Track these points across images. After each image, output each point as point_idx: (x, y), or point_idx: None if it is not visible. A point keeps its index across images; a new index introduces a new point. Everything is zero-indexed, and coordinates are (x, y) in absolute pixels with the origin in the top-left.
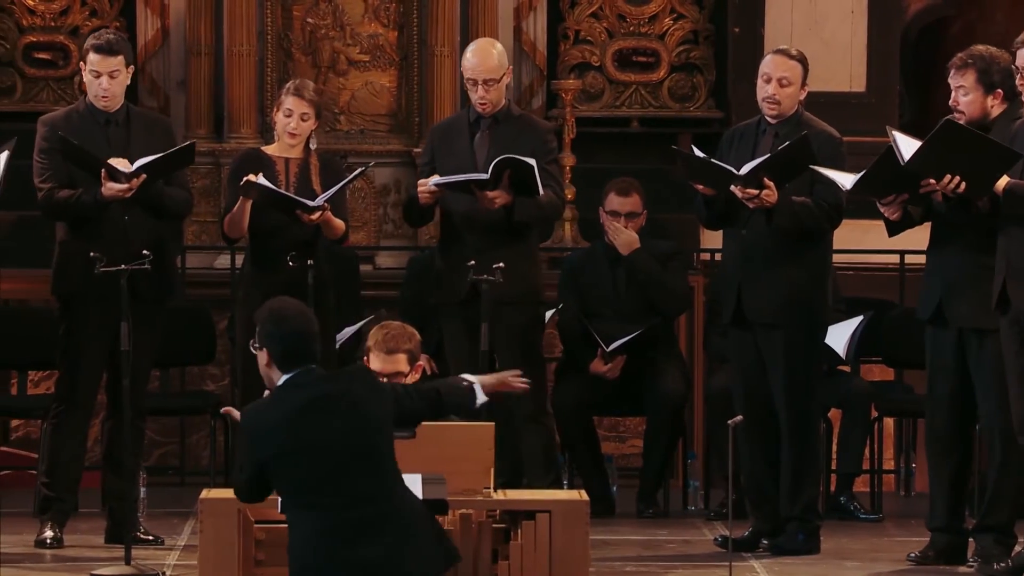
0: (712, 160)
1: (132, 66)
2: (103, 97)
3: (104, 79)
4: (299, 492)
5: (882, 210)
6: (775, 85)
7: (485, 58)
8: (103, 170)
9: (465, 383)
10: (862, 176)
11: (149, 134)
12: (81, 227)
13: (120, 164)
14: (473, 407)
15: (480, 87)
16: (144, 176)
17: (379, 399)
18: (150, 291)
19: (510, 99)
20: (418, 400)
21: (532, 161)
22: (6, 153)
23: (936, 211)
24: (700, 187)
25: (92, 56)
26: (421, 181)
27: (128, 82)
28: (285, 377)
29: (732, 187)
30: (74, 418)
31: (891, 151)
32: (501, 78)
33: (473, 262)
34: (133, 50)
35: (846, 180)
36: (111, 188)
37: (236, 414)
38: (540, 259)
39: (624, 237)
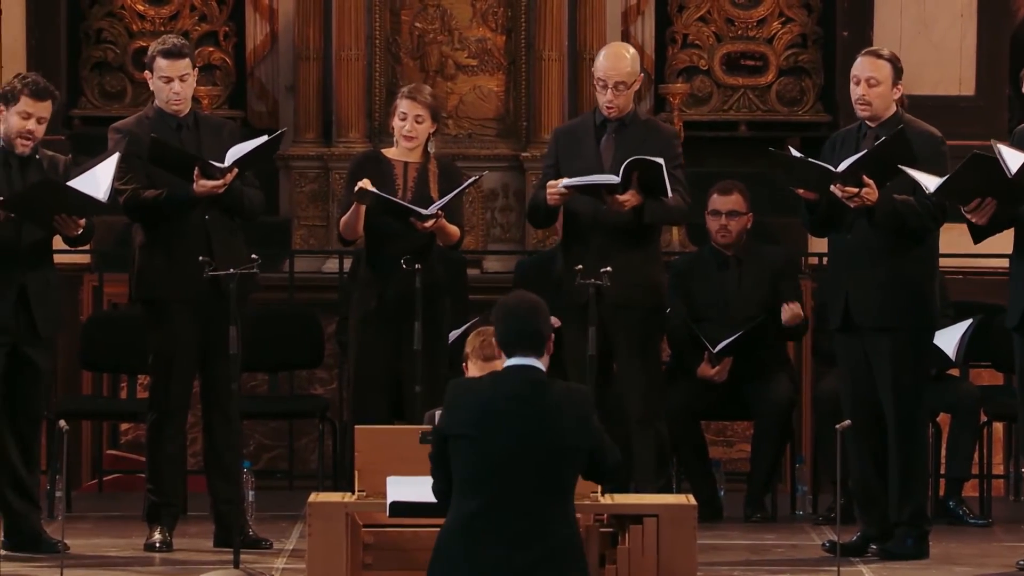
0: (810, 159)
1: (197, 69)
2: (175, 102)
3: (175, 83)
4: (470, 479)
5: (968, 216)
6: (864, 86)
7: (617, 61)
8: (196, 168)
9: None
10: (945, 181)
11: (218, 137)
12: (161, 230)
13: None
14: None
15: (610, 90)
16: (236, 171)
17: (582, 436)
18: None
19: (637, 104)
20: (613, 452)
21: (661, 160)
22: (116, 156)
23: (1021, 219)
24: (801, 192)
25: (160, 61)
26: (550, 183)
27: (195, 85)
28: (507, 362)
29: (832, 186)
30: (170, 424)
31: (975, 158)
32: (632, 84)
33: (581, 266)
34: (242, 54)
35: (931, 183)
36: (204, 185)
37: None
38: (662, 263)
39: (789, 313)
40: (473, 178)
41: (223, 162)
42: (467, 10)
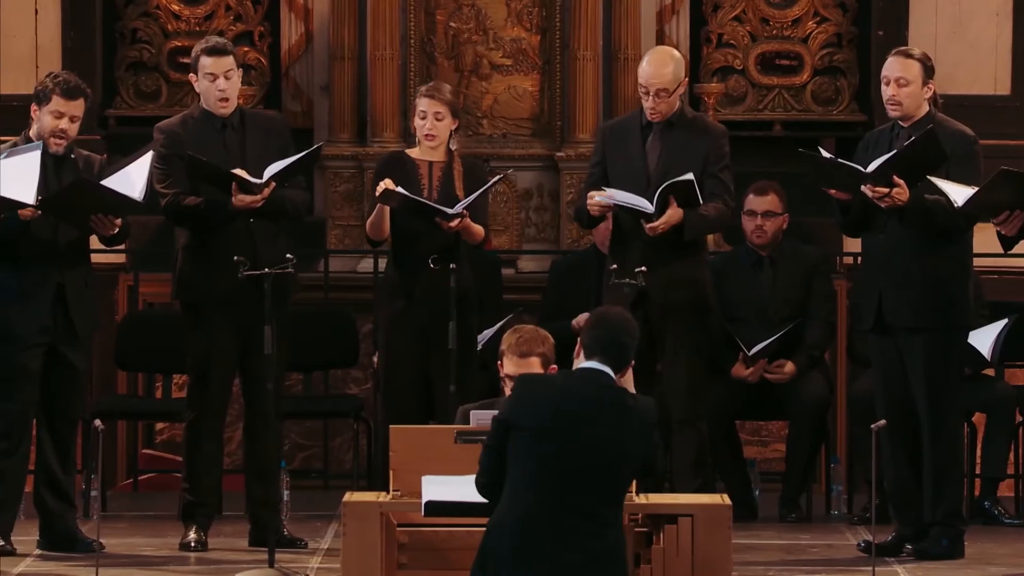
0: (839, 160)
1: (240, 69)
2: (221, 100)
3: (220, 80)
4: (527, 473)
5: (997, 228)
6: (894, 86)
7: (660, 68)
8: (233, 183)
9: None
10: (974, 196)
11: (266, 135)
12: (204, 231)
13: (243, 175)
14: None
15: (651, 97)
16: (274, 185)
17: (643, 446)
18: (274, 294)
19: (684, 103)
20: (658, 468)
21: (690, 176)
22: (149, 155)
23: None
24: (833, 192)
25: (205, 60)
26: (591, 193)
27: (239, 84)
28: (582, 364)
29: (862, 186)
30: (208, 423)
31: (1004, 174)
32: (674, 90)
33: (616, 266)
34: (277, 54)
35: (959, 196)
36: (242, 200)
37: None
38: (708, 264)
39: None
40: (498, 176)
41: (270, 158)
42: (502, 10)
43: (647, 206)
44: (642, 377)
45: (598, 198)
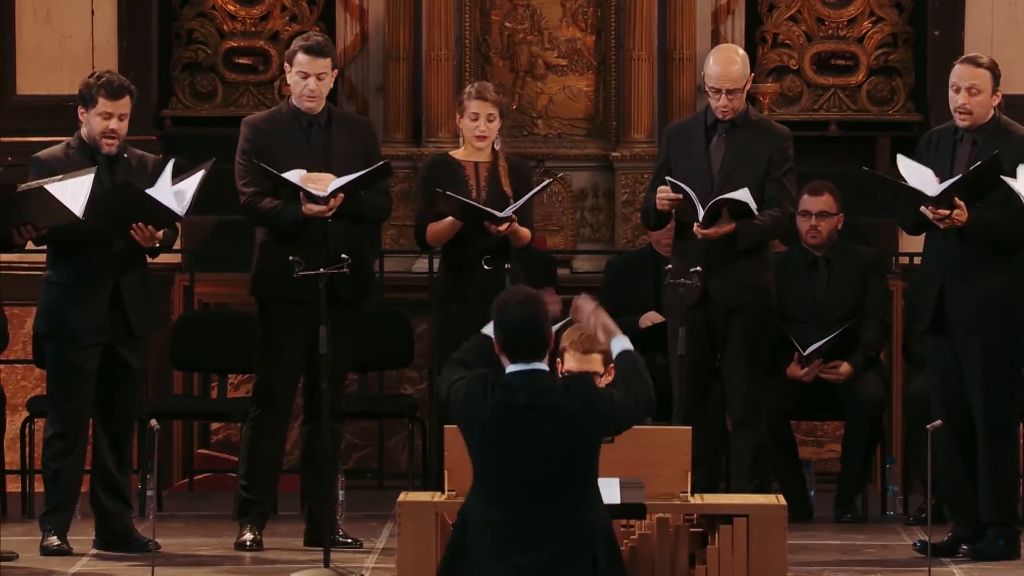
0: (903, 183)
1: (336, 70)
2: (309, 98)
3: (311, 80)
4: (484, 483)
5: None
6: (965, 95)
7: (728, 67)
8: (301, 193)
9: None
10: None
11: (353, 136)
12: (280, 232)
13: (318, 180)
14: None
15: (723, 96)
16: (341, 196)
17: (593, 416)
18: (348, 294)
19: (748, 103)
20: (631, 407)
21: (746, 199)
22: (201, 172)
23: None
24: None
25: (300, 57)
26: (661, 188)
27: (331, 85)
28: (510, 369)
29: (923, 208)
30: (272, 421)
31: None
32: (744, 86)
33: (671, 266)
34: None
35: None
36: (311, 208)
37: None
38: (772, 265)
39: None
40: (547, 181)
41: (356, 159)
42: (557, 10)
43: (699, 214)
44: (704, 377)
45: (669, 195)
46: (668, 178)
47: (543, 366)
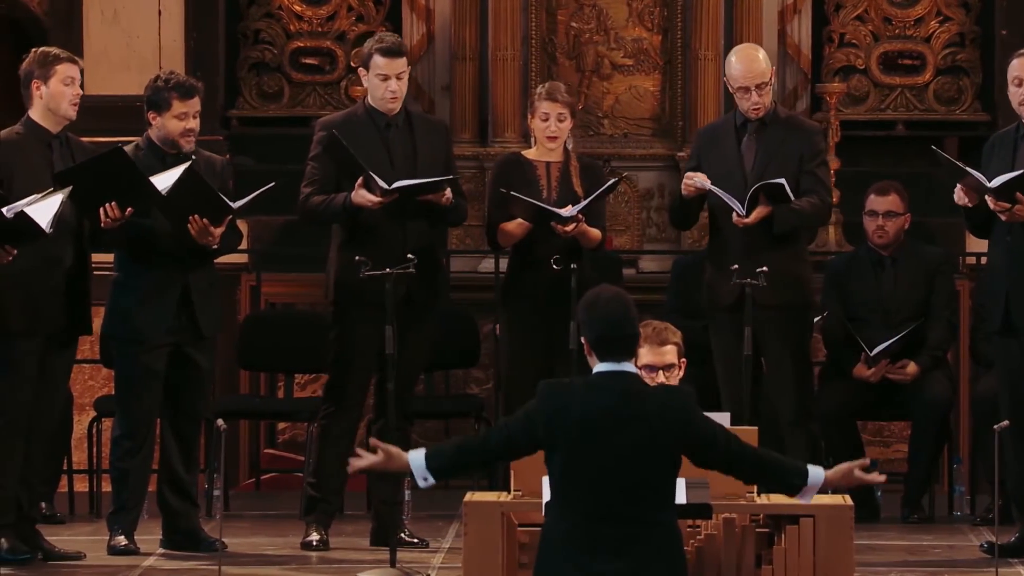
0: (967, 168)
1: (409, 67)
2: (391, 100)
3: (392, 81)
4: (564, 487)
5: None
6: None
7: (753, 63)
8: (360, 177)
9: (803, 467)
10: None
11: (433, 137)
12: (357, 234)
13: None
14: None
15: (753, 92)
16: (396, 196)
17: (680, 430)
18: (420, 295)
19: (776, 101)
20: (742, 460)
21: (782, 181)
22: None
23: None
24: (959, 200)
25: (378, 59)
26: (689, 174)
27: (407, 84)
28: (599, 368)
29: (986, 196)
30: (343, 421)
31: None
32: (771, 80)
33: (737, 266)
34: None
35: None
36: (362, 196)
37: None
38: (810, 263)
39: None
40: (613, 180)
41: (436, 161)
42: (623, 10)
43: (739, 207)
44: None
45: (695, 180)
46: (706, 179)
47: (632, 367)
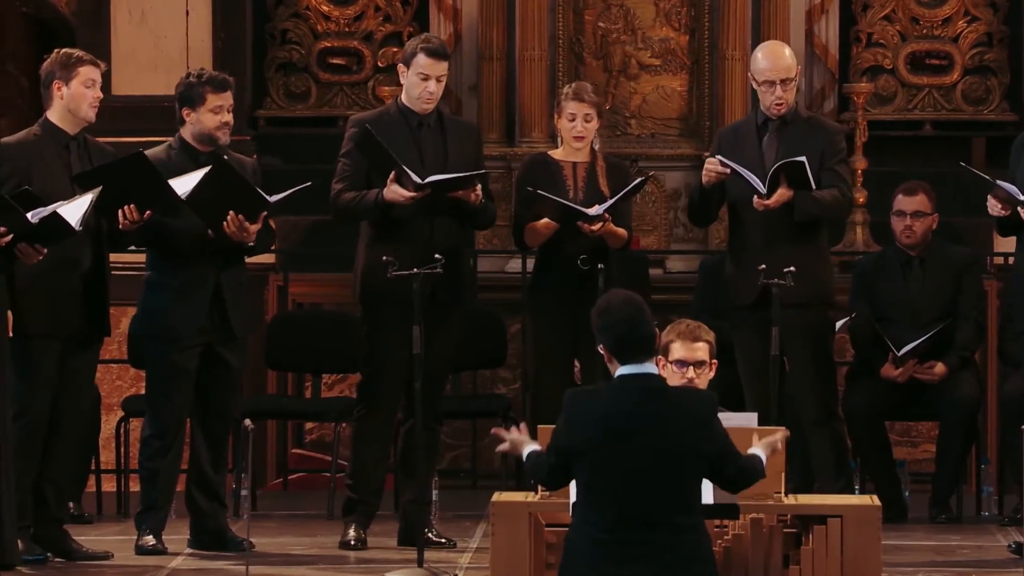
0: (998, 182)
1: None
2: (427, 100)
3: (432, 82)
4: (590, 493)
5: None
6: None
7: (779, 58)
8: (393, 172)
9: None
10: None
11: (464, 139)
12: (385, 232)
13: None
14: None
15: (778, 87)
16: (428, 191)
17: (703, 435)
18: (445, 294)
19: (798, 100)
20: (737, 469)
21: (803, 159)
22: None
23: None
24: (991, 210)
25: (422, 59)
26: (709, 160)
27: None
28: (621, 371)
29: (1019, 208)
30: (376, 421)
31: None
32: (796, 76)
33: (764, 266)
34: None
35: None
36: (394, 191)
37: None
38: (831, 261)
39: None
40: (639, 179)
41: (466, 162)
42: (650, 10)
43: (760, 186)
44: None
45: (715, 164)
46: (718, 157)
47: (654, 368)
